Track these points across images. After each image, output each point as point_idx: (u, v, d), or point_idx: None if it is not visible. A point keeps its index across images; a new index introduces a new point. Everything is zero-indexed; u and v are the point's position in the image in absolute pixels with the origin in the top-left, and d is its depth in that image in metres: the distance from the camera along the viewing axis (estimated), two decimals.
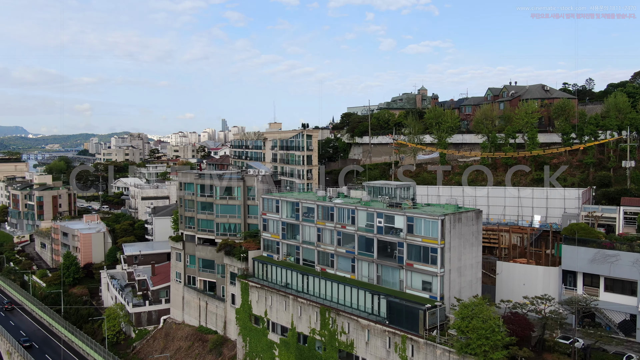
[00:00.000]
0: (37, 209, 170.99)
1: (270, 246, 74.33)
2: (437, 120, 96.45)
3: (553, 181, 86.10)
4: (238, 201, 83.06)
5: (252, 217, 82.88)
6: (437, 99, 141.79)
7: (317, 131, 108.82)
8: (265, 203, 74.72)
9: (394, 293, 56.50)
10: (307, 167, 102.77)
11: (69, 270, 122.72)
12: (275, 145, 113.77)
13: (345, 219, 62.86)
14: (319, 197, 68.54)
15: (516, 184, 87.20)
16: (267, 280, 72.10)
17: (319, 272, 65.96)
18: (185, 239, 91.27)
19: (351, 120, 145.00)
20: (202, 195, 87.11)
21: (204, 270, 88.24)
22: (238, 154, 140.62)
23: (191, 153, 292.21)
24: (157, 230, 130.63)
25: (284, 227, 71.77)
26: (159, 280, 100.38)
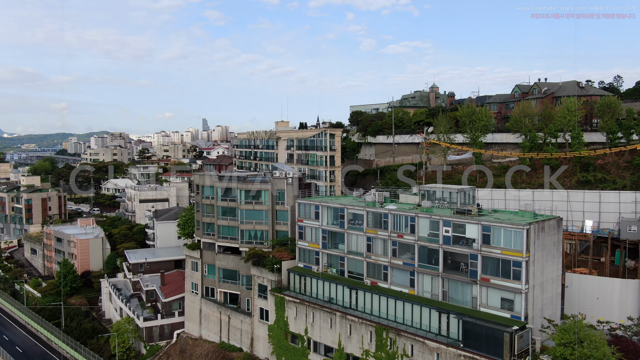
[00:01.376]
0: (26, 212, 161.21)
1: (308, 256, 67.44)
2: (470, 119, 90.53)
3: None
4: (265, 206, 75.94)
5: (281, 224, 75.86)
6: (454, 96, 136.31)
7: (340, 130, 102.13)
8: (301, 209, 67.80)
9: (465, 311, 50.17)
10: (330, 168, 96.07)
11: (66, 279, 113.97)
12: (291, 145, 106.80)
13: (403, 227, 56.33)
14: (368, 202, 61.84)
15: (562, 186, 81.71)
16: (305, 294, 65.22)
17: (369, 285, 59.33)
18: (203, 247, 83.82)
19: (362, 119, 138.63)
20: (223, 199, 79.78)
21: (225, 281, 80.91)
22: (245, 154, 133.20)
23: (182, 153, 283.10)
24: (160, 236, 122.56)
25: (324, 235, 64.97)
26: (171, 291, 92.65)
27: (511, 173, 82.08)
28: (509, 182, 79.04)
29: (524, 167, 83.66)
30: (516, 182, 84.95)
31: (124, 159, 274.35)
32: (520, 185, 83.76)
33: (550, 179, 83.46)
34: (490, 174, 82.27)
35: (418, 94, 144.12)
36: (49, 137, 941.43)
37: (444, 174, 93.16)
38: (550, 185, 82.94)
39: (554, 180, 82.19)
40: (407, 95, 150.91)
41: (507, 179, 79.50)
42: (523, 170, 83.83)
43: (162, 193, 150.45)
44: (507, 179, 79.50)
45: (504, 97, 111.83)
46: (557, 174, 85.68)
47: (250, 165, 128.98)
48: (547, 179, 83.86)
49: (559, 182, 78.85)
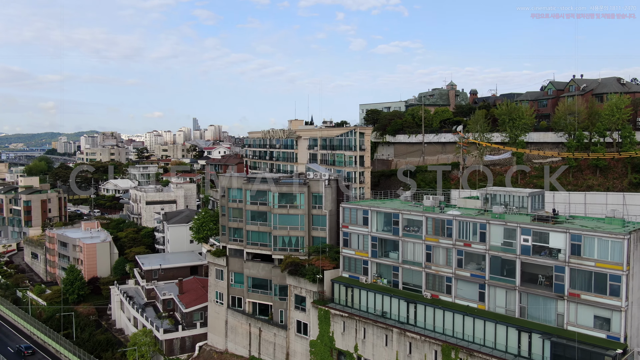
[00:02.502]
0: (25, 214, 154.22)
1: (354, 265, 61.94)
2: (510, 117, 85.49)
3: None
4: (301, 210, 70.30)
5: (318, 229, 70.22)
6: (476, 94, 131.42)
7: (370, 129, 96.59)
8: (346, 213, 62.28)
9: (550, 330, 44.92)
10: (360, 169, 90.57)
11: (73, 285, 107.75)
12: (314, 145, 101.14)
13: (470, 234, 51.01)
14: (427, 207, 56.42)
15: (610, 188, 77.06)
16: (352, 307, 59.72)
17: (429, 299, 53.96)
18: (229, 253, 78.01)
19: (380, 117, 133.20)
20: (253, 202, 74.03)
21: (255, 290, 75.18)
22: (259, 154, 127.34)
23: (181, 152, 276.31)
24: (171, 240, 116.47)
25: (374, 242, 59.50)
26: (192, 300, 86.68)
27: (557, 174, 77.34)
28: (557, 184, 74.21)
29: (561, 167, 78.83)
30: (562, 184, 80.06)
31: (122, 158, 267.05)
32: (566, 187, 78.86)
33: (550, 179, 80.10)
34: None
35: (437, 92, 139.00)
36: (37, 136, 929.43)
37: (479, 174, 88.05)
38: (551, 186, 79.52)
39: (554, 180, 78.75)
40: (424, 93, 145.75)
41: (550, 180, 74.90)
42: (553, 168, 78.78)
43: (169, 195, 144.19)
44: (550, 180, 74.90)
45: (535, 95, 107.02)
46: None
47: (265, 165, 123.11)
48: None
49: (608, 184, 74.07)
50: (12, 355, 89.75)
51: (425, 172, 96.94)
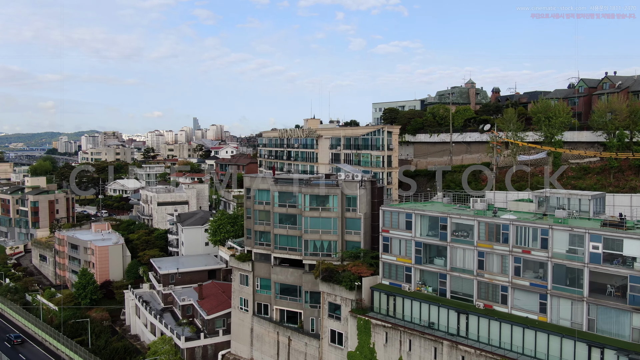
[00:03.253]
0: (32, 215, 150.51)
1: (395, 272, 58.30)
2: (546, 115, 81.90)
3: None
4: (334, 213, 66.64)
5: (352, 233, 66.57)
6: (499, 92, 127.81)
7: (398, 128, 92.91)
8: (386, 217, 58.64)
9: (624, 346, 41.32)
10: (387, 169, 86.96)
11: (85, 290, 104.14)
12: (337, 144, 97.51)
13: (529, 241, 47.38)
14: (478, 210, 52.79)
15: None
16: (395, 316, 56.10)
17: (482, 309, 50.33)
18: (255, 258, 74.39)
19: (398, 116, 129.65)
20: (281, 205, 70.40)
21: (283, 297, 71.57)
22: (276, 153, 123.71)
23: (187, 152, 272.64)
24: (186, 242, 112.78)
25: (418, 248, 55.86)
26: (213, 306, 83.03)
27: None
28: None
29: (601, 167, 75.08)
30: (602, 185, 76.50)
31: (127, 158, 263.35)
32: (607, 189, 75.22)
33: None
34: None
35: (457, 90, 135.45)
36: (37, 136, 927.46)
37: (513, 175, 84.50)
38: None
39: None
40: (443, 92, 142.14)
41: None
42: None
43: (181, 195, 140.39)
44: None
45: (565, 93, 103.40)
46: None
47: (282, 166, 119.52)
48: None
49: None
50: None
51: (453, 172, 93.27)
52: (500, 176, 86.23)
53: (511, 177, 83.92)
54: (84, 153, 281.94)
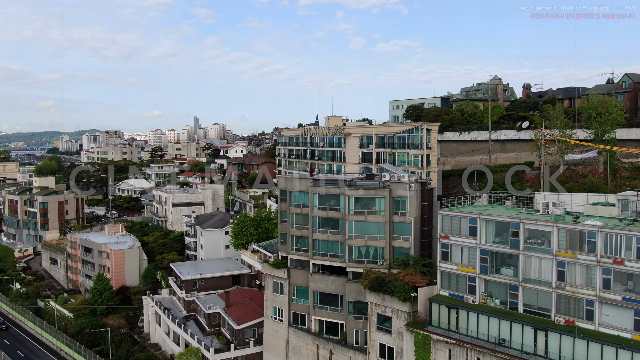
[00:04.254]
0: (41, 216, 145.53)
1: (456, 282, 53.26)
2: (597, 111, 76.89)
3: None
4: (381, 217, 61.61)
5: (401, 239, 61.52)
6: (530, 88, 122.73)
7: (437, 125, 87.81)
8: (446, 222, 53.58)
9: None
10: (427, 169, 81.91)
11: (101, 295, 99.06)
12: (368, 142, 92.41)
13: (622, 250, 42.33)
14: (557, 215, 47.73)
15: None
16: (456, 331, 51.06)
17: (563, 325, 45.28)
18: (291, 264, 69.38)
19: (423, 114, 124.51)
20: (321, 208, 65.38)
21: (322, 307, 66.54)
22: (297, 152, 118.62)
23: (195, 151, 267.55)
24: (205, 246, 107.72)
25: (484, 256, 50.80)
26: (242, 315, 77.95)
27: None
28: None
29: None
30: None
31: (134, 157, 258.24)
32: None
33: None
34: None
35: (483, 86, 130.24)
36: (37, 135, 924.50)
37: (560, 175, 79.49)
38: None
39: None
40: (467, 88, 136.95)
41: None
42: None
43: (197, 196, 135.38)
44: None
45: (605, 88, 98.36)
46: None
47: (305, 165, 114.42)
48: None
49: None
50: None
51: (494, 172, 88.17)
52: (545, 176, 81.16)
53: (559, 177, 78.92)
54: (89, 152, 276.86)
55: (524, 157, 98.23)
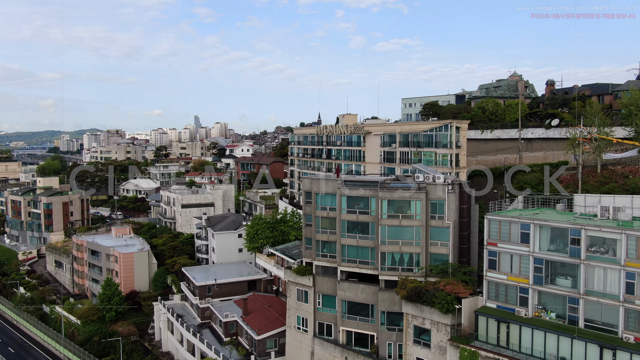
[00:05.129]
0: (45, 218, 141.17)
1: (505, 294, 48.87)
2: (639, 108, 72.43)
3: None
4: (417, 221, 57.22)
5: (438, 245, 57.16)
6: (554, 84, 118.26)
7: (467, 122, 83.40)
8: (493, 227, 49.20)
9: None
10: (456, 169, 77.48)
11: (110, 301, 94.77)
12: (391, 141, 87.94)
13: None
14: (624, 222, 43.33)
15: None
16: (507, 347, 46.67)
17: (632, 343, 40.90)
18: (317, 271, 65.02)
19: (442, 111, 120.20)
20: (350, 211, 60.98)
21: (351, 317, 62.18)
22: (312, 152, 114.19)
23: (200, 150, 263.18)
24: (218, 249, 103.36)
25: (538, 265, 46.41)
26: (262, 324, 73.58)
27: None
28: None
29: None
30: None
31: (138, 157, 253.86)
32: None
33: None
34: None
35: (504, 83, 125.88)
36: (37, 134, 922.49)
37: (598, 176, 74.93)
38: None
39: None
40: (485, 85, 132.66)
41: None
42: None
43: (206, 197, 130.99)
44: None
45: (637, 84, 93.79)
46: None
47: (321, 165, 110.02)
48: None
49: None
50: None
51: (525, 173, 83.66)
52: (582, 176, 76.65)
53: (597, 177, 74.43)
54: (92, 152, 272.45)
55: (552, 156, 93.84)
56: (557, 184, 70.75)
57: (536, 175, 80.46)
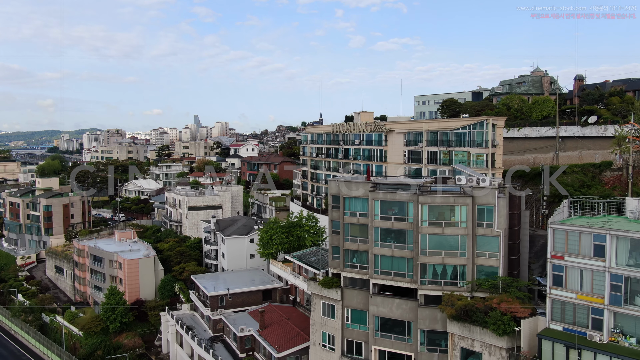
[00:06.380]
0: (45, 221, 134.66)
1: (573, 314, 42.57)
2: None
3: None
4: (462, 229, 50.95)
5: (486, 256, 50.91)
6: (583, 80, 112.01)
7: (504, 119, 76.91)
8: (559, 237, 42.91)
9: None
10: (492, 170, 71.11)
11: (114, 312, 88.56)
12: (417, 140, 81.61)
13: None
14: None
15: None
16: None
17: None
18: (345, 284, 58.75)
19: (462, 109, 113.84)
20: (384, 217, 54.69)
21: (385, 335, 55.88)
22: (326, 151, 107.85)
23: (204, 150, 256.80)
24: (228, 255, 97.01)
25: (616, 283, 40.12)
26: (282, 340, 67.28)
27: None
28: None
29: None
30: None
31: (140, 157, 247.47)
32: None
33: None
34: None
35: (527, 79, 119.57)
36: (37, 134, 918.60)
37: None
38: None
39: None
40: (507, 81, 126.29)
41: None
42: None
43: (214, 198, 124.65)
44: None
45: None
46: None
47: (337, 165, 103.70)
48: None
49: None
50: None
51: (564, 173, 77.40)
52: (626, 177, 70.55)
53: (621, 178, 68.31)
54: (92, 151, 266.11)
55: (587, 155, 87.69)
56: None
57: (577, 176, 74.28)
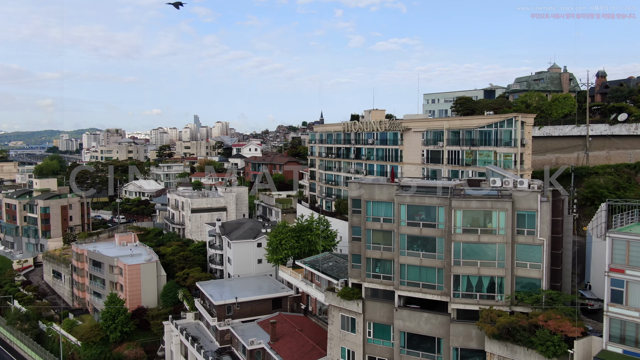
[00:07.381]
0: (42, 223, 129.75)
1: (636, 335, 37.68)
2: None
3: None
4: (500, 237, 46.05)
5: (527, 266, 46.02)
6: (605, 76, 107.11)
7: (533, 116, 72.01)
8: (619, 247, 38.03)
9: None
10: (520, 172, 66.18)
11: (115, 321, 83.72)
12: (437, 139, 76.72)
13: None
14: None
15: None
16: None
17: None
18: (367, 295, 53.87)
19: (478, 107, 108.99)
20: (411, 223, 49.79)
21: (412, 352, 50.98)
22: (338, 151, 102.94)
23: (205, 150, 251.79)
24: (235, 260, 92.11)
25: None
26: (294, 353, 62.28)
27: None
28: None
29: None
30: None
31: (140, 157, 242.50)
32: None
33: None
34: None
35: (545, 76, 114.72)
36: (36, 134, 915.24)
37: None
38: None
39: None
40: (523, 78, 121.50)
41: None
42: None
43: (218, 200, 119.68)
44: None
45: None
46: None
47: (348, 166, 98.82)
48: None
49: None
50: None
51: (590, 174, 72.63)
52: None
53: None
54: (92, 151, 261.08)
55: (616, 155, 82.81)
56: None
57: (612, 177, 69.39)
